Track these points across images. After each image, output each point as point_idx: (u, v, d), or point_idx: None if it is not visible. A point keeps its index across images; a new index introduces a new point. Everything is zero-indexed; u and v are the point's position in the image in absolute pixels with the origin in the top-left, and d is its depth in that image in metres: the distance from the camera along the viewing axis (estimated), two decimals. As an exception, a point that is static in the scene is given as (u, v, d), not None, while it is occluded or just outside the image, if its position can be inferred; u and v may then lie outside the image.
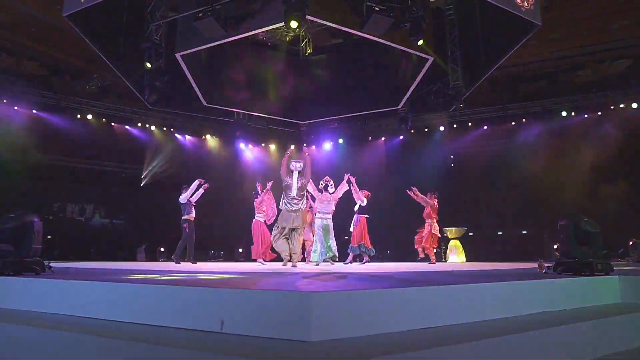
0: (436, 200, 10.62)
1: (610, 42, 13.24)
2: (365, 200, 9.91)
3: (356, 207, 10.10)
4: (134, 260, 14.61)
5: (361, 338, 1.97)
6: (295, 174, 7.77)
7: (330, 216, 9.36)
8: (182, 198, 9.98)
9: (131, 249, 15.38)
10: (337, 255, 9.32)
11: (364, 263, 9.89)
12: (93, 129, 15.51)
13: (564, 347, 2.42)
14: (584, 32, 12.99)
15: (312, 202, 9.77)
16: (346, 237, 11.05)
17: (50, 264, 3.64)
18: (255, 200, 10.03)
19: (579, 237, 3.81)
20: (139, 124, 16.22)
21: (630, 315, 2.94)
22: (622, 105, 13.97)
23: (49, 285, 2.90)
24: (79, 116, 15.15)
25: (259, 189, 10.15)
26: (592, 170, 13.07)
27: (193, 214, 10.11)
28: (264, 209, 9.93)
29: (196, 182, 10.07)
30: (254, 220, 10.07)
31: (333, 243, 9.18)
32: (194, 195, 10.12)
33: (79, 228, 15.72)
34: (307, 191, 8.65)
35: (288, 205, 7.79)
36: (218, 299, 2.21)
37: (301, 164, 7.83)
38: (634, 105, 13.70)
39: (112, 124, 15.98)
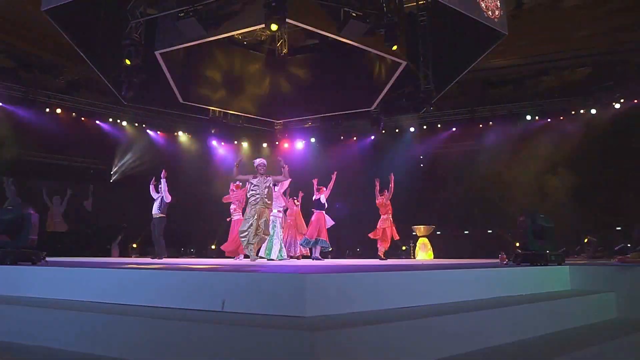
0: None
1: (572, 51, 13.87)
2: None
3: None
4: (108, 255, 14.51)
5: (349, 314, 2.26)
6: None
7: None
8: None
9: (100, 245, 15.24)
10: None
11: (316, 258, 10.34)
12: (62, 123, 15.26)
13: (520, 324, 2.78)
14: (548, 40, 13.58)
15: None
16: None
17: (45, 256, 3.78)
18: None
19: (535, 231, 4.22)
20: (110, 120, 16.04)
21: (576, 299, 3.34)
22: (582, 111, 14.70)
23: (62, 273, 3.07)
24: (47, 110, 14.89)
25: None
26: (554, 172, 13.70)
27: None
28: None
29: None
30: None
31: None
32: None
33: (43, 223, 15.48)
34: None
35: None
36: (220, 281, 2.46)
37: None
38: (593, 111, 14.44)
39: (82, 118, 15.76)
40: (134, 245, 14.94)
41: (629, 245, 10.32)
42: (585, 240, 11.13)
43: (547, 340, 2.83)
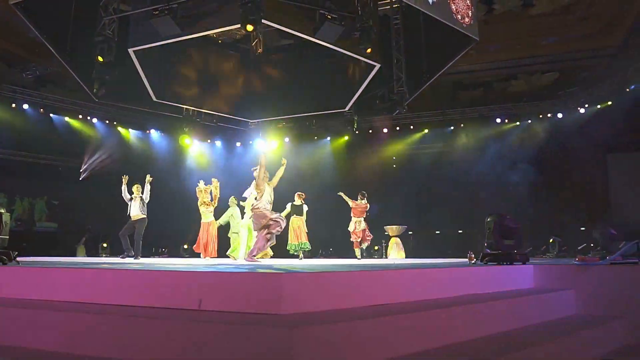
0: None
1: (540, 57, 14.30)
2: None
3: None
4: (73, 255, 14.22)
5: (325, 312, 2.34)
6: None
7: None
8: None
9: (67, 245, 14.92)
10: None
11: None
12: (29, 119, 14.89)
13: (485, 321, 2.92)
14: (517, 45, 13.97)
15: None
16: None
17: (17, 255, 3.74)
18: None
19: (502, 232, 4.39)
20: (80, 116, 15.73)
21: (538, 296, 3.52)
22: (549, 115, 15.19)
23: (36, 273, 3.05)
24: (13, 105, 14.49)
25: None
26: (522, 174, 14.08)
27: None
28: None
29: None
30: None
31: None
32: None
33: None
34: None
35: None
36: (197, 280, 2.50)
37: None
38: (560, 115, 14.93)
39: (51, 115, 15.40)
40: (104, 245, 14.67)
41: (591, 245, 10.75)
42: (551, 240, 11.52)
43: (511, 336, 2.98)
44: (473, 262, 4.72)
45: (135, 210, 9.90)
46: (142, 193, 10.08)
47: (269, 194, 7.57)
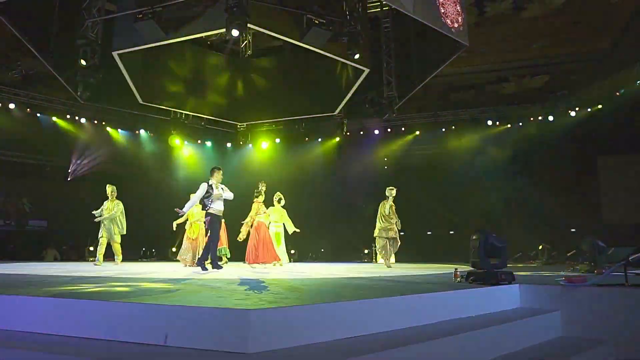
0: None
1: (531, 60, 14.30)
2: None
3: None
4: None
5: (294, 348, 2.23)
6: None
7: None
8: None
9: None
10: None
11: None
12: (16, 119, 14.66)
13: (469, 350, 2.82)
14: (508, 48, 13.95)
15: None
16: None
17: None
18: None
19: (487, 250, 4.30)
20: (68, 116, 15.50)
21: (523, 321, 3.43)
22: (540, 117, 15.17)
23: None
24: (-1, 105, 14.30)
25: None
26: (514, 177, 14.07)
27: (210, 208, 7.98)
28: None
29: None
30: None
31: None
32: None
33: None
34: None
35: None
36: (163, 314, 2.38)
37: None
38: (550, 118, 14.91)
39: (38, 114, 15.18)
40: (91, 248, 14.45)
41: (581, 249, 10.70)
42: (540, 247, 11.49)
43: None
44: (458, 280, 4.64)
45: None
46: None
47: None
